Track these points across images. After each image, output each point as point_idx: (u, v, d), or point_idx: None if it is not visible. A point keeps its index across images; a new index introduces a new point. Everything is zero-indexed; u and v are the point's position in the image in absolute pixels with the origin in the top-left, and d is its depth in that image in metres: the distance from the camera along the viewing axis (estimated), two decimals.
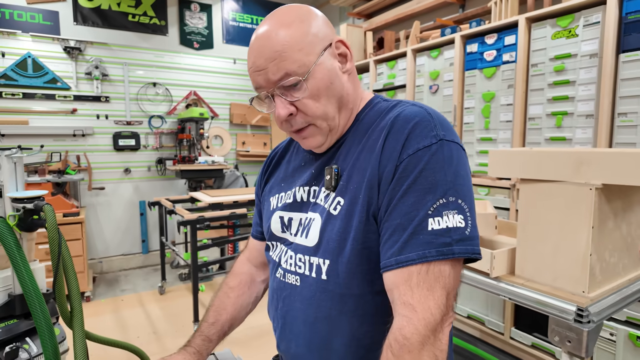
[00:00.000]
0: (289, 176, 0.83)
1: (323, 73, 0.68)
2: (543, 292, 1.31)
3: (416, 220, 0.58)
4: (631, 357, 1.88)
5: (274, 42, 0.66)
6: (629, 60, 1.84)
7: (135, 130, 4.06)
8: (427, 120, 0.63)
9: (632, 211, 1.37)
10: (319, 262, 0.70)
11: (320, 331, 0.70)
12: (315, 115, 0.69)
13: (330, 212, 0.69)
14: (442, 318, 0.56)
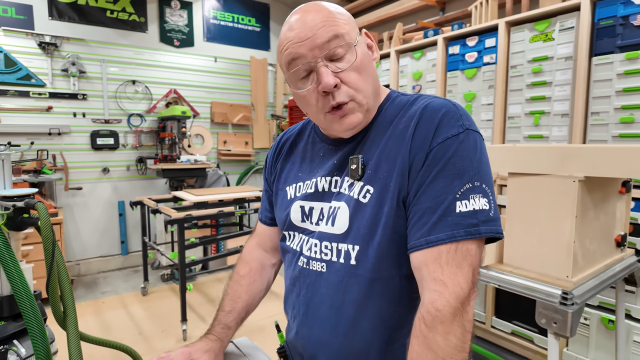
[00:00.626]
0: (307, 166, 0.85)
1: (363, 52, 0.71)
2: (530, 278, 1.40)
3: (445, 203, 0.63)
4: (603, 339, 2.02)
5: (323, 13, 0.69)
6: (600, 63, 1.98)
7: (113, 128, 3.97)
8: (454, 111, 0.68)
9: (609, 202, 1.48)
10: (347, 248, 0.72)
11: (348, 315, 0.73)
12: (358, 88, 0.70)
13: (359, 200, 0.72)
14: (469, 292, 0.61)
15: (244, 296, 0.92)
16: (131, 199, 4.03)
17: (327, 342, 0.76)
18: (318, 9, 0.70)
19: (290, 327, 0.88)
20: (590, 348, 2.07)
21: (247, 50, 4.79)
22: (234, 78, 4.72)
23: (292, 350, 0.90)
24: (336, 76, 0.69)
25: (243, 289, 0.93)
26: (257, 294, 0.95)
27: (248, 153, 4.86)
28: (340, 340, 0.74)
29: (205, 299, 3.33)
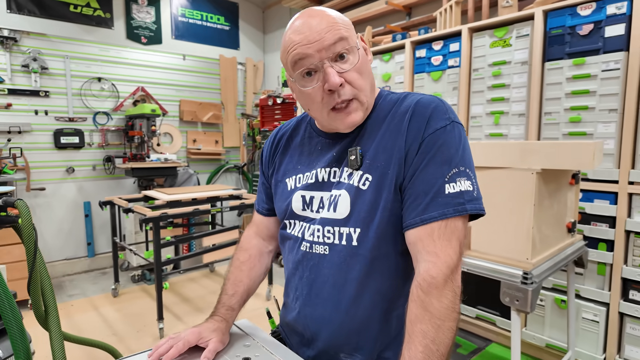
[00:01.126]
0: (305, 159, 0.92)
1: (362, 54, 0.80)
2: (495, 262, 1.56)
3: (436, 187, 0.73)
4: (557, 318, 2.23)
5: (328, 18, 0.76)
6: (552, 68, 2.19)
7: (78, 127, 3.85)
8: (441, 106, 0.78)
9: (561, 192, 1.66)
10: (349, 231, 0.80)
11: (350, 291, 0.81)
12: (360, 87, 0.78)
13: (359, 187, 0.80)
14: (457, 262, 0.72)
15: (245, 280, 0.99)
16: (98, 200, 3.94)
17: (329, 319, 0.84)
18: (322, 15, 0.77)
19: (290, 309, 0.94)
20: (546, 326, 2.28)
21: (216, 49, 4.77)
22: (203, 76, 4.70)
23: (289, 331, 0.98)
24: (341, 76, 0.76)
25: (244, 274, 1.00)
26: (257, 279, 1.02)
27: (218, 152, 4.84)
28: (342, 316, 0.82)
29: (179, 298, 3.32)
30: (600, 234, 2.06)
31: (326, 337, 0.86)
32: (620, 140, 1.97)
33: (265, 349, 0.88)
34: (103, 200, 3.14)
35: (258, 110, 4.94)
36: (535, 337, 2.30)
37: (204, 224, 3.98)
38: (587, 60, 2.05)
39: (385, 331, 0.83)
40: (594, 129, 2.05)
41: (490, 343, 2.54)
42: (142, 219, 2.55)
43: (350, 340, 0.84)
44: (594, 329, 2.10)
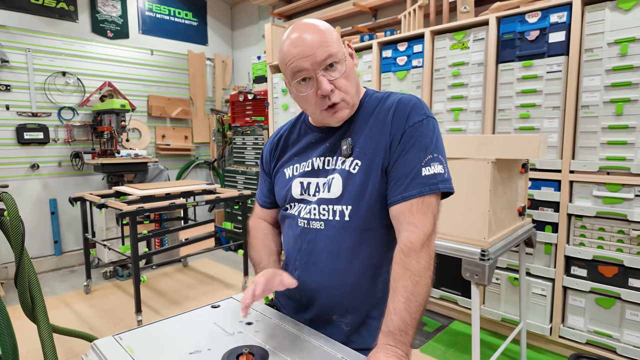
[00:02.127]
0: (302, 151, 1.05)
1: (348, 62, 0.93)
2: (457, 242, 1.75)
3: (415, 170, 0.88)
4: (511, 295, 2.48)
5: (318, 36, 0.88)
6: (504, 69, 2.42)
7: (42, 122, 3.75)
8: (419, 104, 0.94)
9: (512, 180, 1.88)
10: (342, 208, 0.94)
11: (342, 260, 0.95)
12: (347, 91, 0.92)
13: (350, 171, 0.94)
14: (432, 231, 0.87)
15: (272, 245, 1.13)
16: (64, 197, 3.88)
17: (325, 284, 0.98)
18: (314, 30, 0.89)
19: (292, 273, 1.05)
20: (501, 303, 2.53)
21: (184, 44, 4.76)
22: (171, 72, 4.68)
23: (285, 301, 1.11)
24: (331, 83, 0.90)
25: (268, 241, 1.13)
26: (279, 244, 1.16)
27: (188, 147, 4.84)
28: (336, 281, 0.97)
29: (154, 292, 3.34)
30: (546, 218, 2.32)
31: (321, 301, 0.99)
32: (563, 134, 2.23)
33: (264, 315, 1.00)
34: (72, 196, 3.11)
35: (228, 106, 4.98)
36: (492, 313, 2.55)
37: (176, 219, 4.00)
38: (534, 63, 2.29)
39: (372, 294, 0.97)
40: (541, 124, 2.30)
41: (453, 321, 2.78)
42: (118, 214, 2.57)
43: (342, 302, 0.98)
44: (541, 302, 2.36)
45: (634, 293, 2.04)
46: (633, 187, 2.03)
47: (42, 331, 1.64)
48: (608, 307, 2.15)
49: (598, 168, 2.12)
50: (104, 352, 0.83)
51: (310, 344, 0.87)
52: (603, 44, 2.06)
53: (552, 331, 2.33)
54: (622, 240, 2.08)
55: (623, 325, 2.11)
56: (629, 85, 2.01)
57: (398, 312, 0.80)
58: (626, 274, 2.08)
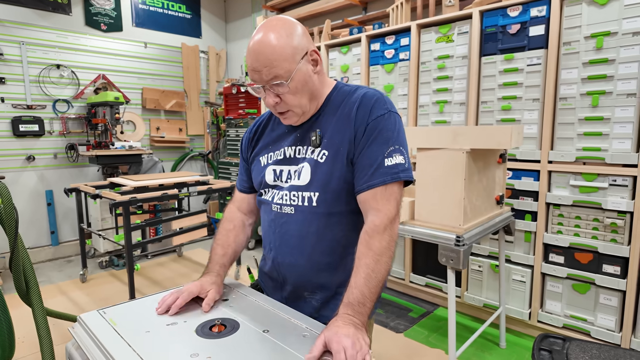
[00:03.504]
0: (274, 141, 1.13)
1: (300, 76, 0.96)
2: (434, 228, 1.82)
3: (378, 160, 0.95)
4: (492, 281, 2.57)
5: (268, 53, 0.92)
6: (487, 62, 2.48)
7: (38, 114, 3.80)
8: (381, 99, 1.00)
9: (489, 169, 1.95)
10: (310, 195, 1.01)
11: (311, 241, 1.03)
12: (293, 105, 0.99)
13: (317, 160, 1.01)
14: (395, 215, 0.94)
15: (232, 245, 1.17)
16: (60, 188, 3.94)
17: (296, 264, 1.06)
18: (267, 46, 0.92)
19: (267, 260, 1.16)
20: (483, 289, 2.61)
21: (178, 37, 4.79)
22: (165, 64, 4.72)
23: (266, 280, 1.19)
24: (277, 96, 0.97)
25: (231, 239, 1.17)
26: (241, 245, 1.20)
27: (182, 140, 4.90)
28: (305, 261, 1.05)
29: (149, 281, 3.42)
30: (526, 207, 2.39)
31: (294, 280, 1.07)
32: (542, 125, 2.30)
33: (240, 293, 1.08)
34: (66, 188, 3.17)
35: (222, 99, 5.03)
36: (475, 299, 2.64)
37: (170, 210, 4.07)
38: (515, 56, 2.35)
39: (340, 272, 1.05)
40: (521, 116, 2.37)
41: (438, 307, 2.87)
42: (112, 203, 2.64)
43: (312, 280, 1.06)
44: (521, 288, 2.45)
45: (608, 279, 2.12)
46: (607, 177, 2.10)
47: (37, 313, 1.72)
48: (583, 292, 2.24)
49: (575, 158, 2.19)
50: (89, 325, 0.91)
51: (278, 316, 0.94)
52: (580, 38, 2.12)
53: (531, 316, 2.42)
54: (597, 227, 2.16)
55: (597, 309, 2.20)
56: (604, 78, 2.07)
57: (358, 287, 0.87)
58: (600, 261, 2.16)
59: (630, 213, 2.05)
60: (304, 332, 0.87)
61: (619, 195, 2.07)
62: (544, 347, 1.47)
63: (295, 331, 0.87)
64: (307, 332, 0.86)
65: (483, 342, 2.39)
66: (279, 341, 0.82)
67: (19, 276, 1.69)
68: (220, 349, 0.80)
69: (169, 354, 0.78)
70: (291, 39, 0.94)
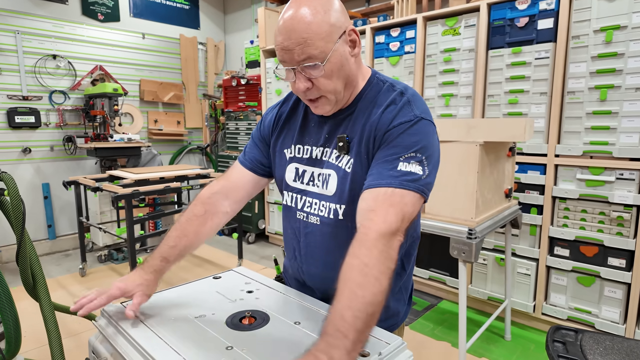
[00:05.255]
0: (299, 134, 1.02)
1: (336, 58, 0.85)
2: (446, 221, 1.82)
3: (391, 163, 0.84)
4: (497, 274, 2.58)
5: (302, 30, 0.81)
6: (494, 55, 2.47)
7: (34, 106, 3.73)
8: (412, 103, 0.89)
9: (500, 162, 1.95)
10: (336, 207, 0.94)
11: (335, 254, 0.93)
12: (327, 90, 0.88)
13: (345, 170, 0.92)
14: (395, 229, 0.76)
15: (190, 235, 1.01)
16: (57, 181, 3.88)
17: (321, 275, 1.01)
18: (301, 22, 0.81)
19: (291, 264, 1.10)
20: (488, 282, 2.63)
21: (176, 28, 4.72)
22: (163, 56, 4.65)
23: (291, 281, 1.15)
24: (309, 80, 0.86)
25: (192, 229, 1.02)
26: (203, 236, 1.04)
27: (180, 132, 4.84)
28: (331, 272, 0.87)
29: None
30: (532, 200, 2.40)
31: (323, 289, 1.03)
32: (549, 119, 2.30)
33: (264, 285, 1.06)
34: (65, 181, 3.12)
35: (220, 91, 4.97)
36: (479, 292, 2.65)
37: (169, 204, 4.03)
38: (523, 49, 2.35)
39: None
40: (528, 110, 2.37)
41: (441, 300, 2.88)
42: (114, 196, 2.60)
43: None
44: (526, 281, 2.47)
45: (613, 271, 2.14)
46: (614, 170, 2.12)
47: (44, 307, 1.68)
48: (588, 285, 2.26)
49: (582, 152, 2.20)
50: (114, 317, 0.88)
51: (307, 308, 0.93)
52: (589, 31, 2.12)
53: (535, 308, 2.44)
54: (603, 221, 2.18)
55: (602, 302, 2.22)
56: (613, 72, 2.07)
57: (338, 310, 0.67)
58: (606, 254, 2.18)
59: (636, 207, 2.07)
60: None
61: (626, 188, 2.09)
62: (557, 339, 1.47)
63: None
64: None
65: (488, 335, 2.41)
66: (313, 333, 0.81)
67: (25, 269, 1.65)
68: (254, 341, 0.78)
69: (203, 346, 0.76)
70: (328, 15, 0.83)
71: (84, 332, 2.44)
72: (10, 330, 1.62)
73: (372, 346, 0.76)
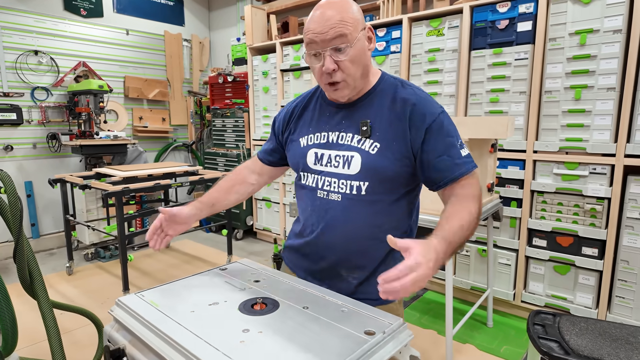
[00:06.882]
0: (315, 122, 1.15)
1: (360, 46, 1.00)
2: (434, 214, 1.91)
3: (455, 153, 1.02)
4: (479, 265, 2.71)
5: (336, 14, 0.97)
6: (477, 56, 2.58)
7: (15, 102, 3.66)
8: (430, 97, 1.06)
9: (483, 158, 2.06)
10: (359, 184, 1.05)
11: (355, 226, 1.07)
12: (350, 74, 1.00)
13: (369, 152, 1.05)
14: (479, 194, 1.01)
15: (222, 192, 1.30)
16: (40, 179, 3.82)
17: (339, 245, 1.11)
18: (336, 9, 0.98)
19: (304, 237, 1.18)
20: (470, 273, 2.75)
21: (160, 25, 4.69)
22: (148, 52, 4.61)
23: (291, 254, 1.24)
24: (336, 62, 0.99)
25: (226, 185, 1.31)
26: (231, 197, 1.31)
27: (166, 129, 4.82)
28: (348, 244, 1.09)
29: (139, 272, 3.39)
30: (512, 194, 2.53)
31: (334, 258, 1.12)
32: (528, 117, 2.43)
33: (270, 274, 1.13)
34: (51, 178, 3.09)
35: (206, 88, 4.97)
36: (462, 282, 2.77)
37: (156, 202, 4.02)
38: (504, 50, 2.46)
39: (379, 254, 1.10)
40: (509, 108, 2.49)
41: (427, 291, 2.99)
42: (104, 194, 2.60)
43: (352, 261, 1.11)
44: (506, 271, 2.60)
45: (586, 260, 2.29)
46: (588, 165, 2.26)
47: (42, 304, 1.70)
48: (564, 273, 2.40)
49: (558, 148, 2.34)
50: (130, 306, 0.93)
51: (313, 294, 1.00)
52: (565, 34, 2.25)
53: (515, 296, 2.58)
54: (577, 213, 2.32)
55: (576, 288, 2.36)
56: (587, 73, 2.21)
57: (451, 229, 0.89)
58: (580, 244, 2.32)
59: (608, 199, 2.21)
60: (341, 307, 0.93)
61: (598, 182, 2.23)
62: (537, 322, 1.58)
63: (333, 307, 0.93)
64: (344, 308, 0.92)
65: (472, 323, 2.53)
66: (321, 316, 0.88)
67: (22, 267, 1.66)
68: (268, 325, 0.84)
69: (220, 330, 0.82)
70: (355, 10, 1.01)
71: (76, 329, 2.45)
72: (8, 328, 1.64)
73: (377, 326, 0.83)
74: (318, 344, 0.77)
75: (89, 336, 2.37)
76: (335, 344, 0.77)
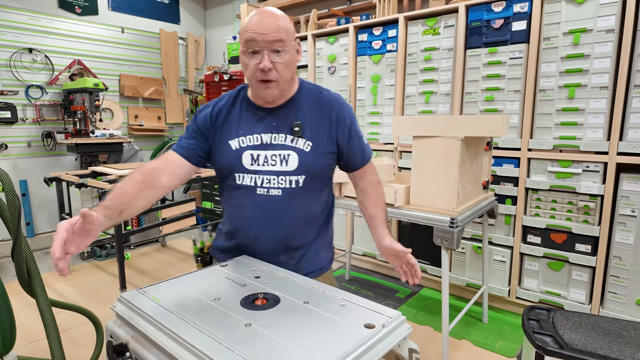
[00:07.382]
0: (245, 125, 1.21)
1: (292, 54, 1.14)
2: (429, 212, 1.94)
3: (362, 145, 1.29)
4: (474, 262, 2.74)
5: (277, 24, 1.09)
6: (472, 55, 2.61)
7: (9, 101, 3.63)
8: (343, 100, 1.28)
9: (478, 156, 2.08)
10: (297, 178, 1.19)
11: (293, 215, 1.22)
12: (282, 75, 1.12)
13: (303, 150, 1.19)
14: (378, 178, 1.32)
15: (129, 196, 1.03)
16: (35, 178, 3.80)
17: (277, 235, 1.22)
18: (275, 18, 1.10)
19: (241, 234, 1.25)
20: (466, 270, 2.78)
21: (156, 23, 4.67)
22: (143, 50, 4.60)
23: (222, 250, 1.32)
24: (272, 62, 1.10)
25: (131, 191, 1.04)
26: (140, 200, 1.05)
27: (161, 128, 4.81)
28: (286, 231, 1.22)
29: (135, 271, 3.39)
30: (507, 192, 2.56)
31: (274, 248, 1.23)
32: (522, 115, 2.46)
33: (268, 270, 1.14)
34: (46, 177, 3.08)
35: (202, 87, 4.96)
36: (458, 279, 2.80)
37: None
38: (499, 50, 2.49)
39: (310, 235, 1.28)
40: (503, 107, 2.52)
41: (423, 288, 3.02)
42: (101, 192, 2.60)
43: (291, 244, 1.24)
44: (501, 268, 2.63)
45: (580, 256, 2.32)
46: (581, 163, 2.29)
47: (41, 303, 1.70)
48: (558, 270, 2.44)
49: (552, 146, 2.37)
50: (132, 302, 0.94)
51: (312, 289, 1.01)
52: (559, 34, 2.28)
53: (510, 293, 2.61)
54: (571, 210, 2.35)
55: (570, 285, 2.40)
56: (580, 72, 2.24)
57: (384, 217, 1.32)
58: (573, 240, 2.35)
59: (600, 196, 2.25)
60: (341, 302, 0.94)
61: (591, 180, 2.26)
62: (531, 317, 1.61)
63: (333, 301, 0.94)
64: (344, 302, 0.94)
65: (467, 319, 2.56)
66: (322, 310, 0.90)
67: (20, 265, 1.66)
68: (270, 319, 0.86)
69: (223, 324, 0.83)
70: (290, 23, 1.15)
71: (73, 327, 2.45)
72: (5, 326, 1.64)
73: (376, 319, 0.85)
74: (319, 338, 0.78)
75: (86, 334, 2.37)
76: (336, 337, 0.79)
